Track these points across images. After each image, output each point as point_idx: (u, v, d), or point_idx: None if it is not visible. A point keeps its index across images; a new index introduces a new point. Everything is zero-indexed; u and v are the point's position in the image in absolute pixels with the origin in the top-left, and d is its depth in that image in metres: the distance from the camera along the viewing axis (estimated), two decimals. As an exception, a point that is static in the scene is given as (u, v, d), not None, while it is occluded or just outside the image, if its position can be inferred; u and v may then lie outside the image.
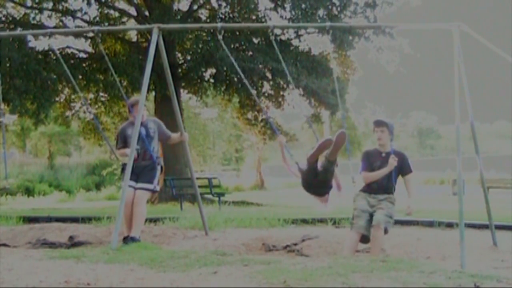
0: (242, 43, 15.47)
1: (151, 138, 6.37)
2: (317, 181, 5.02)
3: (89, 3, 15.58)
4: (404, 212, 5.58)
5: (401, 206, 5.76)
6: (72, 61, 15.62)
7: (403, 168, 5.65)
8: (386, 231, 5.39)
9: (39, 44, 15.95)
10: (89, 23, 16.10)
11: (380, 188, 5.57)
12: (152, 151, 6.33)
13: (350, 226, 5.59)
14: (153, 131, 6.43)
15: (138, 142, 6.09)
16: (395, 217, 5.83)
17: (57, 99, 16.51)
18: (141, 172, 6.22)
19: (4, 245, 6.66)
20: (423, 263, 4.17)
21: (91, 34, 15.04)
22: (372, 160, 5.61)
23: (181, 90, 17.64)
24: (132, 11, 17.22)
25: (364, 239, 5.44)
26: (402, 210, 5.75)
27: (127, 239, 5.91)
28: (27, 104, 14.77)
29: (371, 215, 5.45)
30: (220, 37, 6.16)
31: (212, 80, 16.74)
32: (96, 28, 6.65)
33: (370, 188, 5.59)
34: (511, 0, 76.44)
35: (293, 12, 15.13)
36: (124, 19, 17.36)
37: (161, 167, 6.45)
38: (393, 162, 5.49)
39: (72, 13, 16.12)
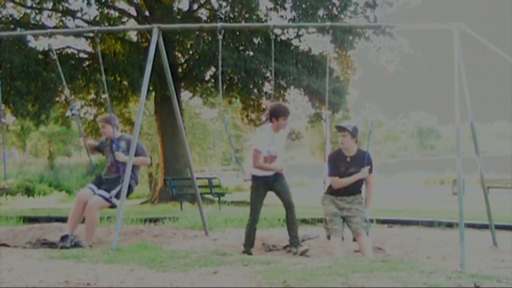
0: (243, 43, 15.49)
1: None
2: None
3: (89, 3, 15.59)
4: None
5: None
6: (72, 61, 15.63)
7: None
8: (367, 234, 5.42)
9: (39, 44, 15.99)
10: (89, 23, 16.11)
11: (347, 191, 5.56)
12: (121, 165, 6.24)
13: (326, 231, 5.56)
14: (123, 149, 6.32)
15: (108, 155, 6.33)
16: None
17: (57, 99, 16.53)
18: (105, 182, 6.32)
19: (4, 245, 6.65)
20: (423, 263, 4.16)
21: (91, 34, 15.06)
22: (338, 165, 5.57)
23: (182, 90, 17.65)
24: (132, 11, 17.23)
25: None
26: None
27: (66, 238, 5.92)
28: (29, 106, 14.80)
29: (342, 217, 5.49)
30: (220, 37, 6.17)
31: (212, 80, 16.75)
32: (96, 28, 6.67)
33: (337, 191, 5.57)
34: (511, 0, 76.43)
35: (293, 12, 15.15)
36: (124, 19, 17.37)
37: (129, 186, 6.02)
38: (366, 171, 5.52)
39: (72, 13, 16.13)
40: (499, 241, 6.12)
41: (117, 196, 6.11)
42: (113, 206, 6.21)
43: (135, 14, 16.95)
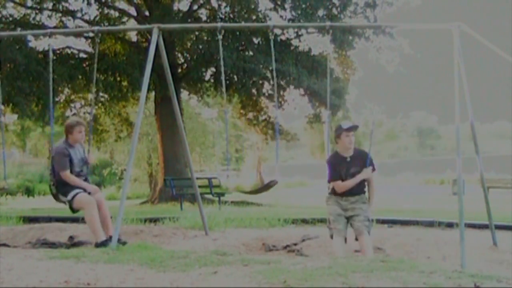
0: (242, 43, 15.49)
1: (84, 161, 6.36)
2: None
3: (89, 3, 15.59)
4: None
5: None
6: (72, 61, 15.63)
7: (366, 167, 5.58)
8: (368, 233, 5.41)
9: (39, 44, 15.99)
10: (89, 23, 16.11)
11: (351, 191, 5.53)
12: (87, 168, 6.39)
13: (330, 231, 5.53)
14: (83, 154, 6.35)
15: (78, 165, 6.21)
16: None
17: (57, 99, 16.53)
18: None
19: (4, 245, 6.66)
20: (423, 263, 4.17)
21: (91, 34, 15.05)
22: (338, 168, 5.53)
23: (182, 90, 17.66)
24: (132, 11, 17.23)
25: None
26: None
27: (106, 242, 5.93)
28: (32, 106, 14.80)
29: (346, 218, 5.47)
30: (220, 37, 6.16)
31: (212, 80, 16.75)
32: (96, 28, 6.67)
33: (341, 192, 5.55)
34: (511, 0, 76.39)
35: (293, 12, 15.15)
36: (124, 19, 17.37)
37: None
38: (369, 172, 5.52)
39: (72, 13, 16.13)
40: (499, 241, 6.12)
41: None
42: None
43: (135, 14, 16.95)
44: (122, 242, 5.74)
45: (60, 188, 6.19)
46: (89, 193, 6.16)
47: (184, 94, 19.30)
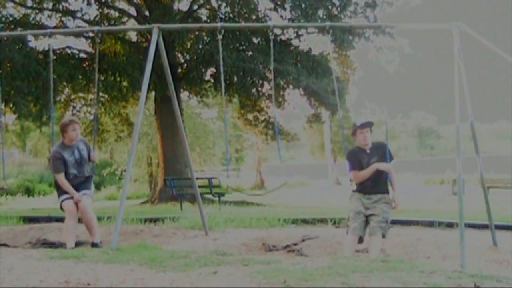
0: (242, 43, 15.48)
1: (85, 161, 6.30)
2: None
3: (89, 3, 15.57)
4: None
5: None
6: (72, 61, 15.62)
7: (385, 158, 5.66)
8: (383, 236, 5.43)
9: (39, 44, 15.97)
10: (89, 23, 16.10)
11: (374, 187, 5.58)
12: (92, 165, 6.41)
13: (346, 228, 5.59)
14: (85, 152, 6.30)
15: (74, 166, 6.15)
16: (394, 217, 5.86)
17: (57, 99, 16.51)
18: (80, 184, 6.24)
19: (4, 245, 6.66)
20: (423, 263, 4.17)
21: (91, 34, 15.04)
22: (359, 158, 5.64)
23: (182, 90, 17.65)
24: (132, 11, 17.22)
25: (360, 239, 5.51)
26: (396, 210, 5.78)
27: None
28: (31, 106, 14.77)
29: (366, 216, 5.49)
30: (220, 37, 6.17)
31: (212, 80, 16.75)
32: (96, 28, 6.67)
33: (364, 188, 5.59)
34: (511, 0, 76.38)
35: (293, 12, 15.14)
36: (124, 19, 17.36)
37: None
38: (389, 165, 5.59)
39: (72, 13, 16.12)
40: (499, 241, 6.12)
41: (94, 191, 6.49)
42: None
43: (135, 14, 16.94)
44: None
45: (57, 190, 6.38)
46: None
47: (184, 94, 19.28)
